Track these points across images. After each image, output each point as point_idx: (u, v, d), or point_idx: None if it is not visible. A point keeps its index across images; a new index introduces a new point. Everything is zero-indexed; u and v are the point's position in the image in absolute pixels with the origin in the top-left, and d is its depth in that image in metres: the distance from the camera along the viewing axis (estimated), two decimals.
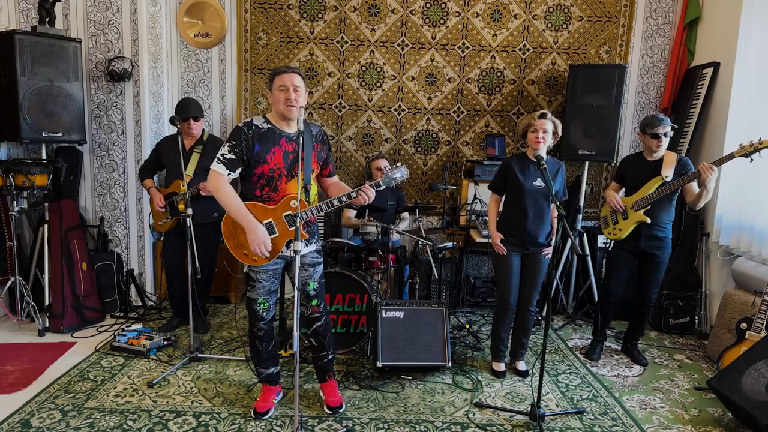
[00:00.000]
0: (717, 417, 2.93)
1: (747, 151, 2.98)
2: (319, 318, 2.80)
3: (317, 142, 2.69)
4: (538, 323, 4.18)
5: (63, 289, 3.85)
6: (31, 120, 3.64)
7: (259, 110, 4.71)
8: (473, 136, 4.76)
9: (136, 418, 2.71)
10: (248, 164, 2.54)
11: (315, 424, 2.70)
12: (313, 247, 2.74)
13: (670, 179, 3.24)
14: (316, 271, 2.75)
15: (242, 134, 2.49)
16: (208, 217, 3.67)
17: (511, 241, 3.19)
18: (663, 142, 3.27)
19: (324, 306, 2.82)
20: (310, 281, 2.74)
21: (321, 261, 2.80)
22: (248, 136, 2.49)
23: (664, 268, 3.42)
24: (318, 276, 2.76)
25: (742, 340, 3.08)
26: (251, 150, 2.50)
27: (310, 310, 2.78)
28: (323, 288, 2.83)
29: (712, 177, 3.01)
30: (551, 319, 4.30)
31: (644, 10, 4.58)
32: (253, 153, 2.50)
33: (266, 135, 2.53)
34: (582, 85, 4.15)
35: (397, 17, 4.58)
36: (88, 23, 4.18)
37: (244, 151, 2.49)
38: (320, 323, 2.81)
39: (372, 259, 3.70)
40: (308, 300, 2.75)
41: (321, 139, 2.72)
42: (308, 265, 2.72)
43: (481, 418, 2.82)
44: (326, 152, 2.75)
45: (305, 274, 2.72)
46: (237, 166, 2.51)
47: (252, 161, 2.52)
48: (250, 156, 2.51)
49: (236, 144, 2.49)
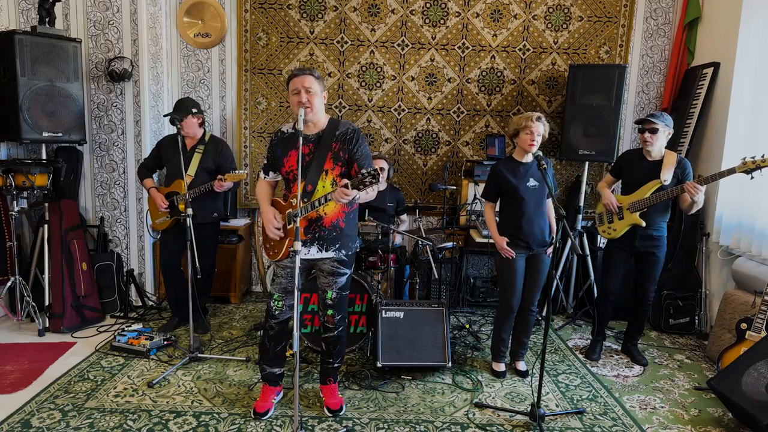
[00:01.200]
0: (717, 417, 2.93)
1: (749, 167, 2.98)
2: (333, 329, 2.78)
3: (338, 141, 2.61)
4: (538, 323, 4.18)
5: (63, 289, 3.85)
6: (31, 120, 3.64)
7: (259, 110, 4.71)
8: (473, 136, 4.76)
9: (136, 418, 2.71)
10: (276, 168, 2.74)
11: (315, 424, 2.70)
12: (331, 255, 2.66)
13: (668, 183, 3.24)
14: (335, 281, 2.70)
15: (272, 141, 2.73)
16: (207, 217, 3.67)
17: (517, 244, 3.18)
18: (648, 138, 3.27)
19: (341, 318, 2.78)
20: (329, 290, 2.71)
21: (344, 272, 2.72)
22: (273, 142, 2.72)
23: (661, 265, 3.41)
24: (338, 287, 2.72)
25: (742, 340, 3.08)
26: (274, 155, 2.71)
27: (324, 318, 2.77)
28: (344, 300, 2.78)
29: (698, 195, 3.11)
30: (551, 319, 4.30)
31: (644, 10, 4.58)
32: (276, 157, 2.70)
33: (287, 139, 2.67)
34: (582, 85, 4.15)
35: (397, 17, 4.58)
36: (88, 23, 4.18)
37: (270, 156, 2.75)
38: (332, 334, 2.79)
39: (372, 259, 3.70)
40: (324, 308, 2.75)
41: (344, 138, 2.62)
42: (327, 273, 2.70)
43: (481, 418, 2.82)
44: (349, 152, 2.62)
45: (324, 282, 2.72)
46: (269, 169, 2.77)
47: (277, 165, 2.71)
48: (275, 161, 2.71)
49: (268, 150, 2.78)
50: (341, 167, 2.63)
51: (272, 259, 2.72)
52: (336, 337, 2.80)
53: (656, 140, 3.28)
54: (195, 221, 3.33)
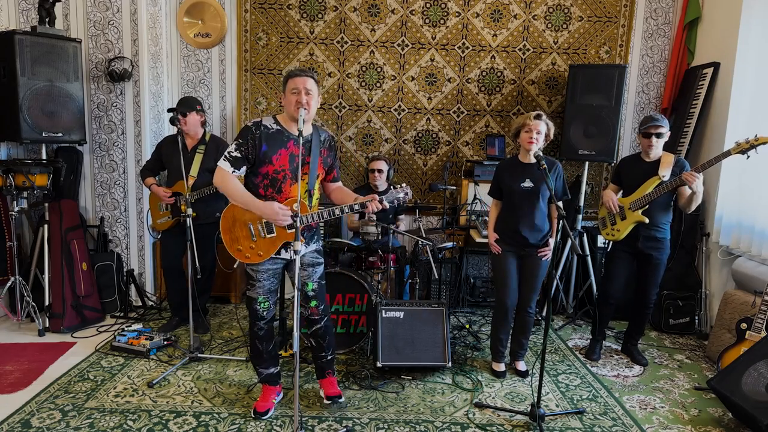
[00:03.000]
0: (717, 417, 2.93)
1: (743, 147, 3.00)
2: (319, 321, 2.79)
3: (324, 147, 2.68)
4: (538, 323, 4.18)
5: (63, 289, 3.85)
6: (31, 120, 3.64)
7: (259, 110, 4.71)
8: (473, 136, 4.76)
9: (136, 418, 2.71)
10: (254, 163, 2.55)
11: (315, 424, 2.70)
12: (312, 247, 2.73)
13: (667, 179, 3.25)
14: (315, 271, 2.74)
15: (250, 133, 2.51)
16: (210, 217, 3.67)
17: (506, 241, 3.22)
18: (654, 142, 3.28)
19: (324, 308, 2.81)
20: (309, 281, 2.73)
21: (321, 261, 2.79)
22: (256, 135, 2.51)
23: (663, 268, 3.42)
24: (317, 276, 2.76)
25: (742, 340, 3.08)
26: (257, 149, 2.51)
27: (309, 311, 2.78)
28: (323, 290, 2.82)
29: (696, 182, 3.09)
30: (551, 319, 4.30)
31: (644, 10, 4.58)
32: (260, 153, 2.52)
33: (274, 136, 2.54)
34: (582, 85, 4.15)
35: (397, 17, 4.58)
36: (88, 23, 4.18)
37: (249, 150, 2.51)
38: (320, 326, 2.80)
39: (372, 259, 3.70)
40: (307, 301, 2.75)
41: (328, 144, 2.73)
42: (307, 264, 2.72)
43: (481, 418, 2.82)
44: (332, 158, 2.76)
45: (304, 274, 2.72)
46: (242, 164, 2.53)
47: (258, 161, 2.53)
48: (256, 155, 2.52)
49: (243, 143, 2.51)
50: (325, 171, 2.74)
51: (251, 262, 2.59)
52: (323, 327, 2.81)
53: (660, 143, 3.30)
54: (198, 221, 3.33)
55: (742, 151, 3.01)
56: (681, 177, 3.13)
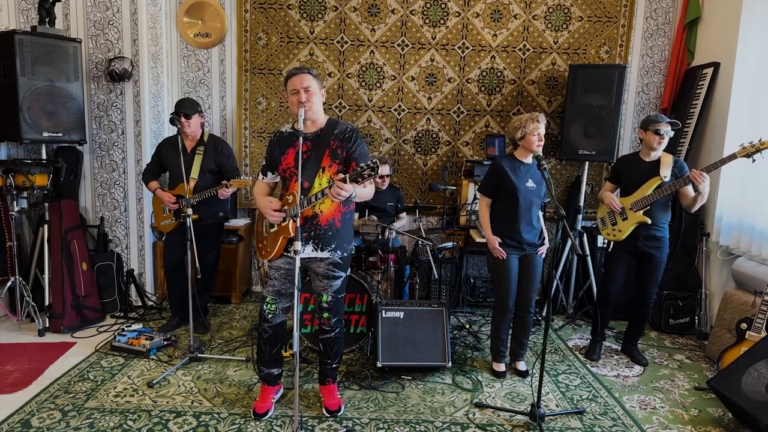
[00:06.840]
0: (717, 417, 2.93)
1: (749, 151, 3.01)
2: (329, 331, 2.77)
3: (336, 139, 2.61)
4: (538, 323, 4.18)
5: (63, 289, 3.85)
6: (31, 120, 3.64)
7: (259, 110, 4.71)
8: (473, 136, 4.76)
9: (136, 418, 2.71)
10: (275, 167, 2.73)
11: (315, 424, 2.70)
12: (326, 255, 2.64)
13: (668, 179, 3.25)
14: (330, 284, 2.70)
15: (271, 141, 2.75)
16: (213, 216, 3.68)
17: (509, 244, 3.19)
18: (664, 139, 3.29)
19: (337, 321, 2.77)
20: (324, 293, 2.71)
21: (339, 275, 2.70)
22: (272, 142, 2.73)
23: (663, 268, 3.42)
24: (333, 290, 2.70)
25: (742, 340, 3.08)
26: (272, 154, 2.72)
27: (321, 321, 2.78)
28: (339, 303, 2.77)
29: (704, 183, 3.07)
30: (551, 319, 4.30)
31: (644, 10, 4.58)
32: (274, 156, 2.71)
33: (286, 139, 2.68)
34: (582, 85, 4.15)
35: (397, 17, 4.58)
36: (88, 23, 4.18)
37: (268, 157, 2.75)
38: (329, 336, 2.78)
39: (372, 259, 3.70)
40: (321, 311, 2.75)
41: (343, 136, 2.61)
42: (322, 276, 2.69)
43: (481, 418, 2.82)
44: (347, 149, 2.61)
45: (319, 285, 2.72)
46: (267, 170, 2.77)
47: (275, 164, 2.71)
48: (272, 160, 2.72)
49: (266, 152, 2.79)
50: (339, 165, 2.61)
51: (264, 259, 2.72)
52: (333, 338, 2.79)
53: (665, 143, 3.31)
54: (200, 222, 3.32)
55: (747, 154, 3.02)
56: (688, 177, 3.12)
